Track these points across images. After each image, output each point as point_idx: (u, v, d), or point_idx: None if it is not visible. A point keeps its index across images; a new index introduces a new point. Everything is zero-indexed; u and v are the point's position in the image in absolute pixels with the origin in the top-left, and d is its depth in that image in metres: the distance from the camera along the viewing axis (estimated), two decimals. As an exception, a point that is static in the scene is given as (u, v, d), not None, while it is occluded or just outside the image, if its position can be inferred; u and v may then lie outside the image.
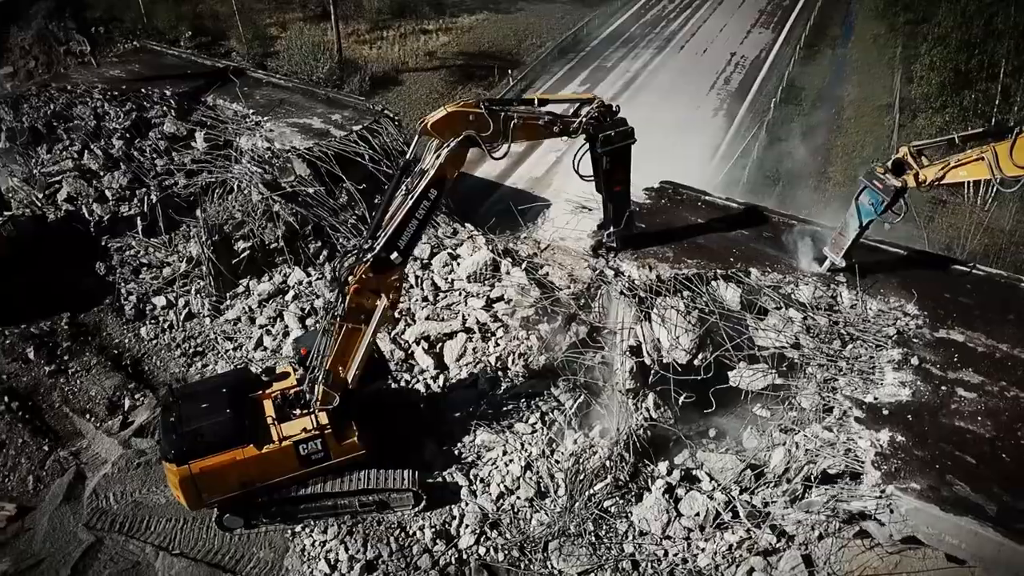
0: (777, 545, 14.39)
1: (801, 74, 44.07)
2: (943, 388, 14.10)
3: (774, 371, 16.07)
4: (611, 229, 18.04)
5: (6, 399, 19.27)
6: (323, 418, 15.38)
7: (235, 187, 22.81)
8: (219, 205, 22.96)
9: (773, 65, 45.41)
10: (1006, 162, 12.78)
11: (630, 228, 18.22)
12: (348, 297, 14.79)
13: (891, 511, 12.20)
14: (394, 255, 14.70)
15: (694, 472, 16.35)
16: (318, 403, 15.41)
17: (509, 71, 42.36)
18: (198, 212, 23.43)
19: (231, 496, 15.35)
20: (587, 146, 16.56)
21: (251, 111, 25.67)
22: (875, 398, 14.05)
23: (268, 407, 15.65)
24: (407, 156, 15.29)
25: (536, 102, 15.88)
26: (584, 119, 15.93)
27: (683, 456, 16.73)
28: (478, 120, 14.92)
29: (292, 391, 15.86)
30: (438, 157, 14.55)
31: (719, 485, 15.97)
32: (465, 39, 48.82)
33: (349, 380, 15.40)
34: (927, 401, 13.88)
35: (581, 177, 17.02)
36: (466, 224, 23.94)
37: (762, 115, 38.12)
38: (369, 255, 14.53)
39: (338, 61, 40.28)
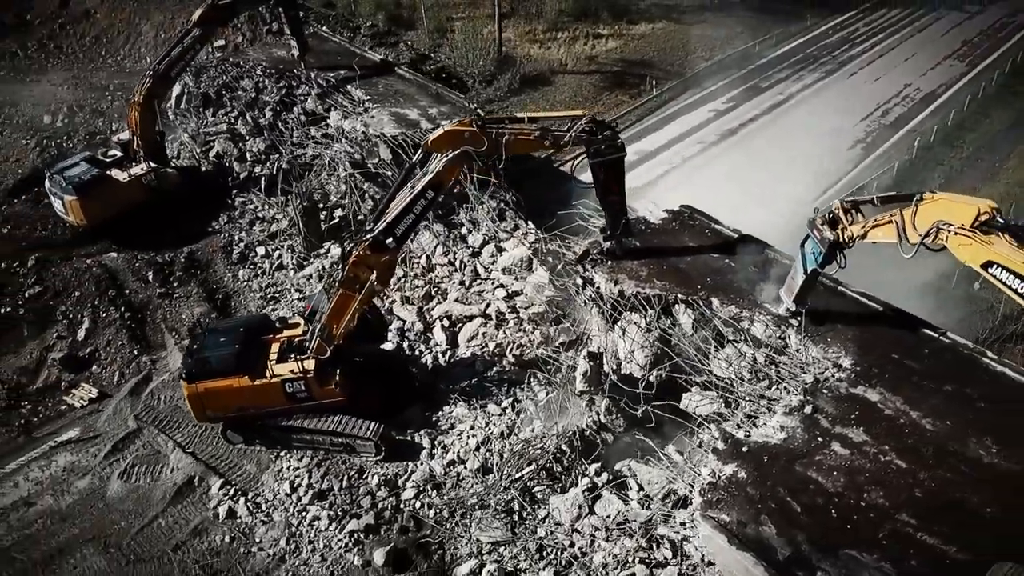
0: (671, 560, 15.10)
1: (978, 115, 40.52)
2: (819, 439, 13.95)
3: (721, 399, 16.57)
4: (608, 233, 19.65)
5: (123, 309, 24.03)
6: (310, 364, 18.11)
7: (328, 162, 26.23)
8: (317, 177, 26.55)
9: (947, 102, 42.01)
10: (910, 228, 12.61)
11: (628, 233, 19.72)
12: (347, 268, 17.45)
13: (698, 536, 12.71)
14: (389, 240, 17.19)
15: (628, 479, 17.23)
16: (313, 351, 18.20)
17: (653, 82, 42.87)
18: (312, 180, 27.27)
19: (229, 416, 18.58)
20: (584, 157, 18.22)
21: (367, 98, 29.03)
22: (746, 434, 14.29)
23: (274, 349, 18.64)
24: (413, 159, 17.75)
25: (527, 119, 17.57)
26: (574, 133, 17.43)
27: (624, 463, 17.61)
28: (473, 137, 17.03)
29: (297, 339, 18.76)
30: (437, 165, 16.87)
31: (647, 495, 16.76)
32: (633, 46, 49.60)
33: (338, 336, 18.02)
34: (794, 448, 13.84)
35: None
36: (528, 221, 25.72)
37: (903, 153, 35.83)
38: (369, 236, 17.10)
39: (493, 57, 42.95)
